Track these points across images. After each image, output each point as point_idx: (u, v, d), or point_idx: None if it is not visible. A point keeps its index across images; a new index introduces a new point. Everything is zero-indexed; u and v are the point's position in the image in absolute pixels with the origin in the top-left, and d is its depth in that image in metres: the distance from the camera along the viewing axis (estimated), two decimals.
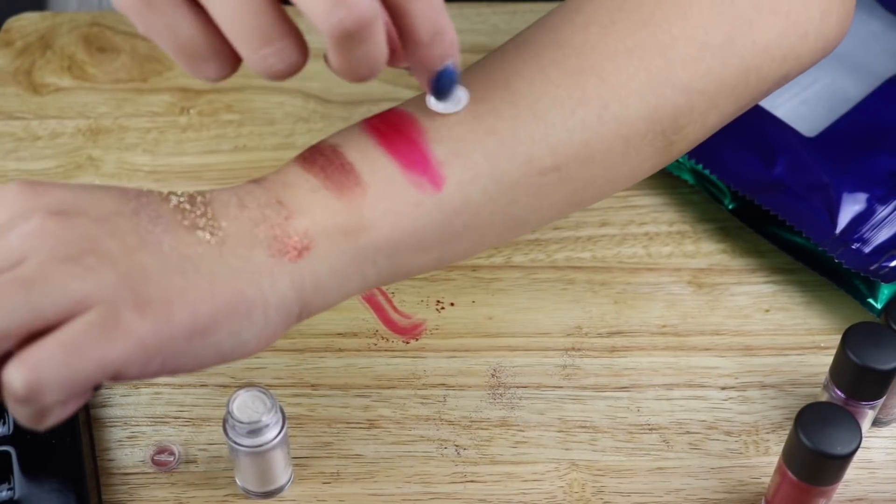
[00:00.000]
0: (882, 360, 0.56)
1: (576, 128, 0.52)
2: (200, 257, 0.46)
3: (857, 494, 0.61)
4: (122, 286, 0.44)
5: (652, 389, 0.65)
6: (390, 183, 0.49)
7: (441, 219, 0.50)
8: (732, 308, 0.69)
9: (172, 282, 0.45)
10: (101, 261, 0.44)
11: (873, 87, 0.73)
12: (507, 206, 0.52)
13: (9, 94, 0.79)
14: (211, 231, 0.47)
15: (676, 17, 0.53)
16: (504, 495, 0.61)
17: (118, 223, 0.45)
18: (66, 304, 0.43)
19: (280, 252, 0.47)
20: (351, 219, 0.48)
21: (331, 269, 0.48)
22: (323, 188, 0.49)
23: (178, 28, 0.45)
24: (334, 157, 0.49)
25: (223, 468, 0.61)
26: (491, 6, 0.84)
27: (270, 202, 0.48)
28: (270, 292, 0.47)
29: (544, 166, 0.52)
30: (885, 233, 0.66)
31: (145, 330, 0.44)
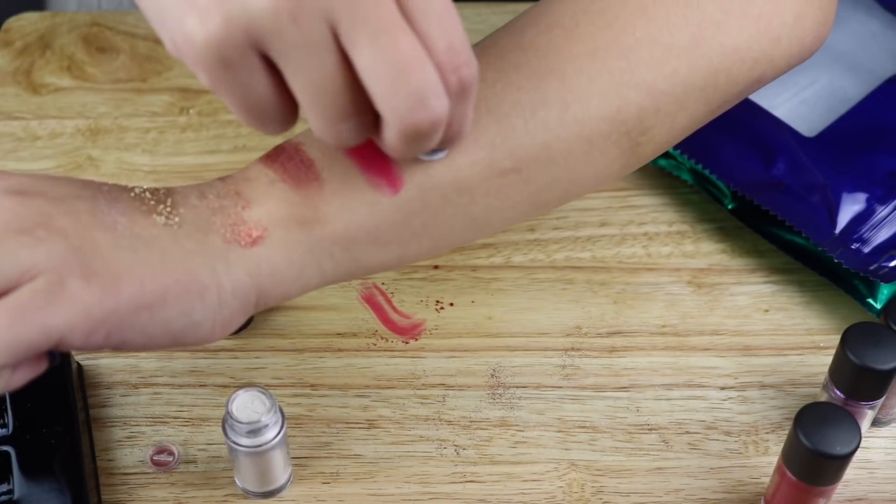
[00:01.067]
0: (881, 360, 0.56)
1: (536, 130, 0.52)
2: (154, 237, 0.48)
3: (857, 494, 0.61)
4: (70, 257, 0.45)
5: (651, 389, 0.65)
6: (348, 181, 0.50)
7: (398, 219, 0.51)
8: (732, 308, 0.69)
9: (122, 257, 0.47)
10: (52, 234, 0.46)
11: (873, 87, 0.73)
12: (467, 208, 0.53)
13: (8, 94, 0.79)
14: (167, 216, 0.48)
15: (641, 19, 0.54)
16: (503, 495, 0.61)
17: (74, 204, 0.47)
18: (14, 272, 0.45)
19: (234, 238, 0.49)
20: (306, 210, 0.50)
21: (286, 258, 0.50)
22: (280, 181, 0.50)
23: (250, 91, 0.44)
24: (295, 154, 0.51)
25: (222, 468, 0.61)
26: (490, 6, 0.84)
27: (229, 193, 0.50)
28: (225, 276, 0.48)
29: (504, 168, 0.52)
30: (885, 233, 0.66)
31: (90, 298, 0.45)
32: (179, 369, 0.65)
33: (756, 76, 0.57)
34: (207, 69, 0.43)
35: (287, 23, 0.41)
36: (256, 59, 0.43)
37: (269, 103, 0.45)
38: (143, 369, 0.65)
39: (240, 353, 0.66)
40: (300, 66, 0.42)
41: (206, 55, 0.42)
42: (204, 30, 0.42)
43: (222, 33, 0.41)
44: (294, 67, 0.43)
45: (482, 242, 0.71)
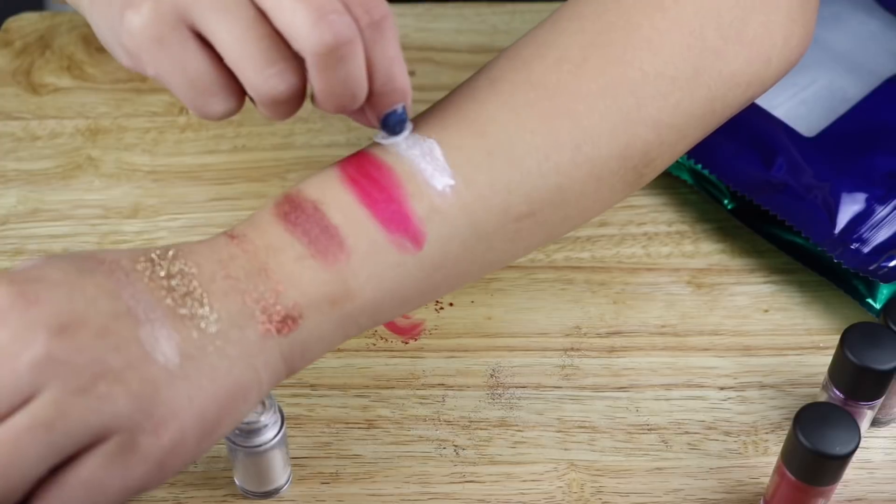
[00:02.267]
0: (881, 360, 0.56)
1: (550, 173, 0.52)
2: (200, 352, 0.46)
3: (856, 495, 0.61)
4: (135, 411, 0.44)
5: (651, 389, 0.65)
6: (373, 245, 0.49)
7: (421, 276, 0.51)
8: (731, 308, 0.69)
9: (177, 390, 0.45)
10: (111, 385, 0.44)
11: (872, 87, 0.73)
12: (484, 254, 0.53)
13: (8, 94, 0.79)
14: (206, 319, 0.47)
15: (647, 52, 0.54)
16: (503, 495, 0.61)
17: (119, 332, 0.45)
18: (85, 439, 0.43)
19: (271, 328, 0.48)
20: (337, 288, 0.49)
21: (318, 337, 0.49)
22: (309, 256, 0.49)
23: (187, 63, 0.47)
24: (316, 218, 0.49)
25: (222, 468, 0.61)
26: (490, 6, 0.84)
27: (256, 271, 0.48)
28: (263, 370, 0.48)
29: (520, 213, 0.52)
30: (885, 233, 0.66)
31: (161, 450, 0.45)
32: None
33: (748, 97, 0.58)
34: (148, 51, 0.47)
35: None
36: (187, 31, 0.46)
37: (208, 75, 0.47)
38: None
39: None
40: (221, 24, 0.46)
41: (143, 37, 0.46)
42: (139, 17, 0.46)
43: (153, 13, 0.46)
44: (216, 27, 0.46)
45: None
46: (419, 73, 0.80)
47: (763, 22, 0.56)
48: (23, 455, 0.42)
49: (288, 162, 0.75)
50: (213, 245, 0.49)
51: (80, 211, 0.73)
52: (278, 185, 0.74)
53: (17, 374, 0.43)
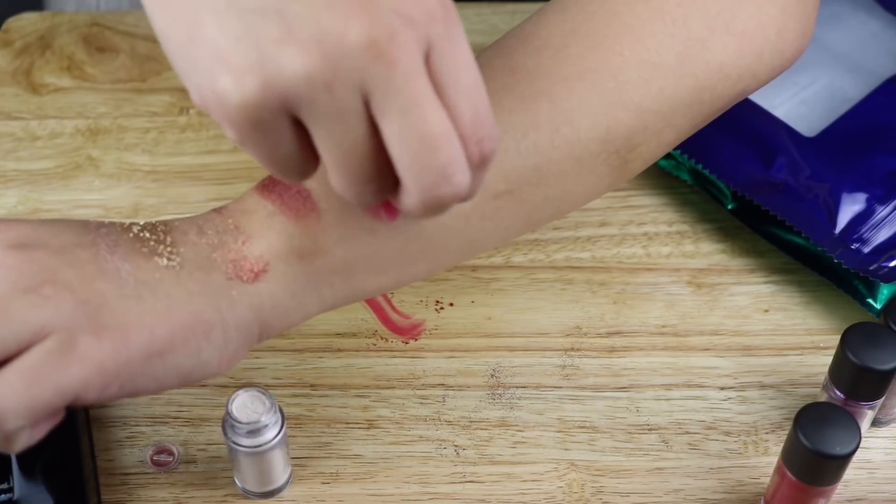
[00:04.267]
0: (881, 360, 0.56)
1: (528, 152, 0.53)
2: (158, 282, 0.48)
3: (857, 495, 0.61)
4: (79, 313, 0.46)
5: (651, 389, 0.65)
6: (345, 210, 0.51)
7: (395, 245, 0.52)
8: (731, 308, 0.69)
9: (129, 307, 0.47)
10: (58, 290, 0.46)
11: (873, 87, 0.73)
12: (463, 231, 0.53)
13: (8, 94, 0.79)
14: (168, 257, 0.49)
15: (628, 39, 0.54)
16: (503, 495, 0.61)
17: (77, 253, 0.47)
18: (25, 333, 0.45)
19: (236, 275, 0.50)
20: (306, 243, 0.50)
21: (288, 291, 0.51)
22: (279, 213, 0.50)
23: (278, 148, 0.44)
24: (292, 184, 0.51)
25: (222, 468, 0.61)
26: (490, 6, 0.84)
27: (228, 228, 0.50)
28: (229, 313, 0.49)
29: (498, 191, 0.53)
30: (885, 233, 0.66)
31: (102, 354, 0.46)
32: None
33: (739, 90, 0.58)
34: (238, 128, 0.43)
35: (321, 91, 0.41)
36: (287, 121, 0.42)
37: (295, 159, 0.44)
38: None
39: None
40: (329, 131, 0.42)
41: (239, 116, 0.42)
42: (239, 91, 0.41)
43: (258, 97, 0.41)
44: (323, 132, 0.42)
45: None
46: None
47: (754, 14, 0.56)
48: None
49: None
50: (198, 216, 0.52)
51: (79, 211, 0.73)
52: None
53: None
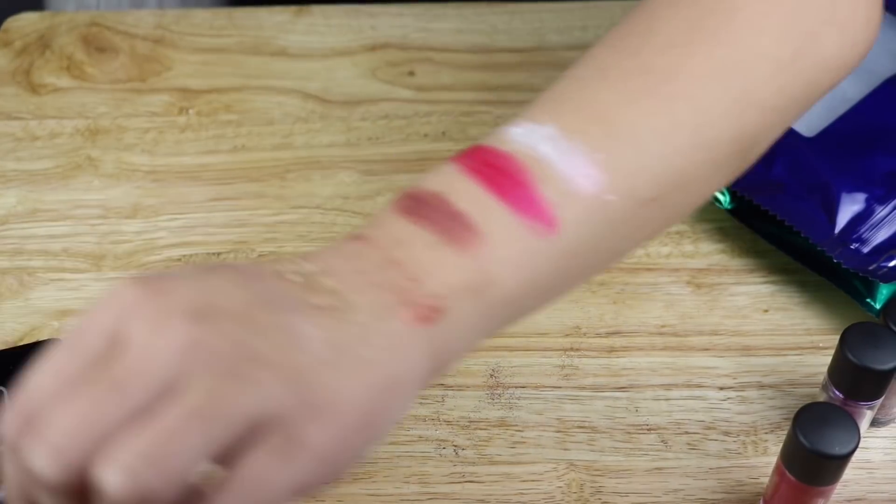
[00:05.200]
0: (880, 360, 0.56)
1: (672, 156, 0.50)
2: (344, 342, 0.43)
3: (856, 495, 0.61)
4: (290, 395, 0.41)
5: (650, 389, 0.65)
6: (508, 230, 0.46)
7: (558, 263, 0.48)
8: (731, 308, 0.69)
9: (329, 379, 0.42)
10: (261, 370, 0.40)
11: (872, 87, 0.73)
12: (613, 241, 0.50)
13: (7, 94, 0.79)
14: (341, 308, 0.44)
15: (752, 35, 0.52)
16: (502, 495, 0.61)
17: (258, 318, 0.42)
18: (242, 429, 0.40)
19: (413, 319, 0.44)
20: (477, 275, 0.45)
21: (463, 328, 0.46)
22: (441, 243, 0.45)
23: None
24: (442, 206, 0.46)
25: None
26: (490, 6, 0.84)
27: (388, 264, 0.45)
28: (412, 363, 0.44)
29: (645, 197, 0.50)
30: (884, 233, 0.66)
31: (324, 440, 0.41)
32: None
33: (835, 83, 0.56)
34: None
35: None
36: None
37: None
38: None
39: None
40: None
41: None
42: None
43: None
44: None
45: None
46: (419, 73, 0.80)
47: (850, 4, 0.55)
48: (181, 448, 0.39)
49: (287, 162, 0.75)
50: (336, 246, 0.46)
51: (79, 211, 0.73)
52: (278, 185, 0.74)
53: (161, 364, 0.39)
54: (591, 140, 0.49)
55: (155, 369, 0.40)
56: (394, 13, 0.83)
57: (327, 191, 0.74)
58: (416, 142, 0.76)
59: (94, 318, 0.41)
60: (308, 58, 0.81)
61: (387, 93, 0.79)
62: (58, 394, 0.40)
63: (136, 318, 0.40)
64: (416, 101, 0.79)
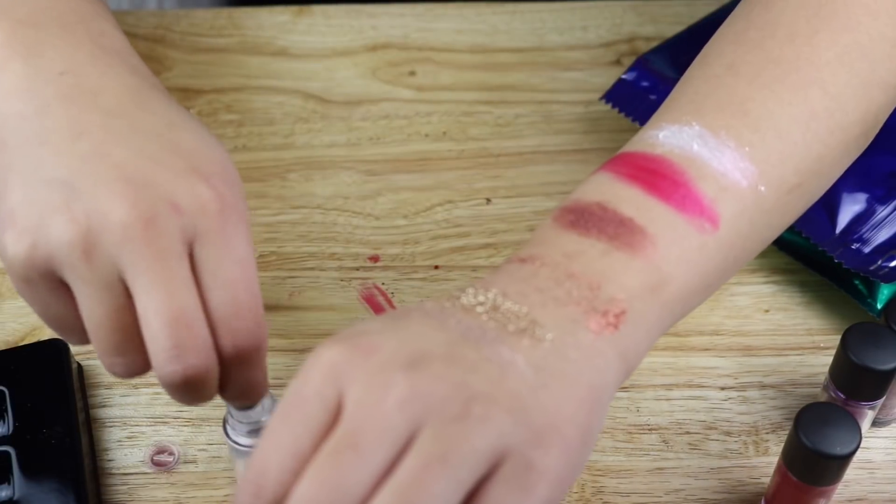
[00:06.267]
0: (881, 360, 0.56)
1: (812, 142, 0.52)
2: (547, 363, 0.44)
3: (857, 495, 0.61)
4: (516, 426, 0.42)
5: (651, 389, 0.65)
6: (674, 230, 0.48)
7: (720, 257, 0.49)
8: (732, 308, 0.69)
9: (546, 401, 0.43)
10: (485, 406, 0.41)
11: None
12: (764, 230, 0.52)
13: None
14: (536, 331, 0.45)
15: (868, 17, 0.54)
16: None
17: (467, 356, 0.43)
18: (482, 467, 0.41)
19: (601, 326, 0.45)
20: (651, 276, 0.47)
21: (646, 330, 0.47)
22: (613, 250, 0.47)
23: (49, 307, 0.48)
24: (607, 215, 0.48)
25: (223, 468, 0.61)
26: (491, 6, 0.84)
27: (564, 278, 0.46)
28: (607, 371, 0.45)
29: (791, 185, 0.51)
30: (885, 233, 0.66)
31: (555, 462, 0.42)
32: None
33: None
34: (14, 281, 0.48)
35: (79, 258, 0.45)
36: (55, 282, 0.47)
37: (67, 321, 0.48)
38: None
39: None
40: (85, 298, 0.46)
41: (11, 270, 0.47)
42: (13, 248, 0.46)
43: (26, 256, 0.46)
44: (81, 298, 0.47)
45: (483, 242, 0.71)
46: (419, 73, 0.80)
47: None
48: (430, 497, 0.40)
49: (288, 162, 0.75)
50: (506, 270, 0.47)
51: None
52: (279, 185, 0.74)
53: (389, 420, 0.40)
54: (737, 134, 0.50)
55: (386, 426, 0.40)
56: (394, 13, 0.83)
57: (328, 191, 0.74)
58: (417, 142, 0.76)
59: (309, 385, 0.42)
60: (309, 58, 0.81)
61: (387, 93, 0.79)
62: (292, 468, 0.41)
63: (353, 380, 0.41)
64: (416, 101, 0.79)
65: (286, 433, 0.42)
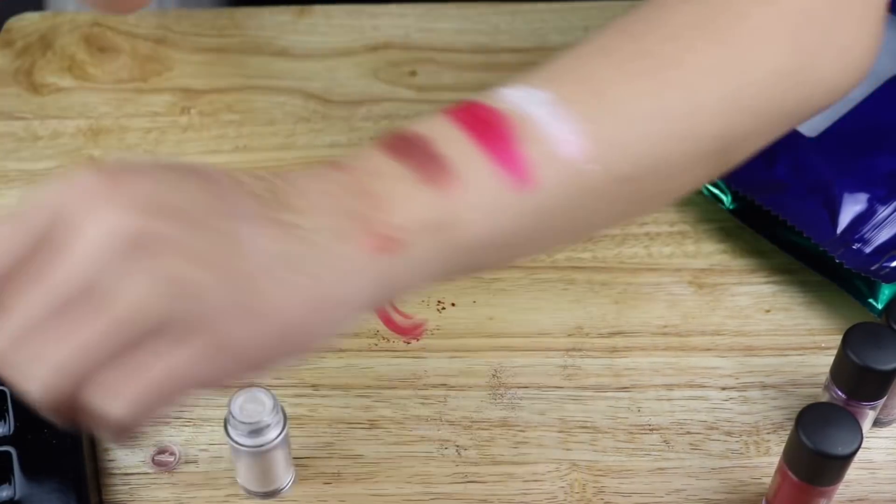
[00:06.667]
0: (883, 360, 0.56)
1: (659, 140, 0.52)
2: (293, 257, 0.45)
3: (858, 495, 0.61)
4: (224, 300, 0.42)
5: (652, 390, 0.65)
6: (486, 180, 0.48)
7: (529, 222, 0.49)
8: (733, 308, 0.69)
9: (269, 289, 0.44)
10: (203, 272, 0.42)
11: (874, 87, 0.73)
12: (587, 212, 0.52)
13: (9, 95, 0.79)
14: (299, 225, 0.45)
15: (756, 41, 0.54)
16: (505, 496, 0.61)
17: (210, 223, 0.43)
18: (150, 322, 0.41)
19: (373, 247, 0.46)
20: (446, 214, 0.47)
21: (423, 263, 0.47)
22: (415, 181, 0.47)
23: None
24: (424, 147, 0.48)
25: (224, 468, 0.61)
26: (492, 6, 0.84)
27: (360, 193, 0.46)
28: (359, 287, 0.46)
29: (623, 175, 0.51)
30: (886, 233, 0.66)
31: (247, 343, 0.43)
32: None
33: (827, 104, 0.58)
34: None
35: None
36: None
37: None
38: None
39: None
40: None
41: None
42: None
43: None
44: None
45: None
46: (420, 73, 0.80)
47: (853, 30, 0.56)
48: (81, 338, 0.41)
49: (289, 162, 0.75)
50: (315, 170, 0.47)
51: None
52: None
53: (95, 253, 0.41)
54: (583, 110, 0.50)
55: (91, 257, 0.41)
56: (395, 13, 0.83)
57: None
58: None
59: (45, 198, 0.43)
60: (310, 58, 0.81)
61: (389, 93, 0.79)
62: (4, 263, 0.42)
63: (85, 205, 0.42)
64: (417, 101, 0.79)
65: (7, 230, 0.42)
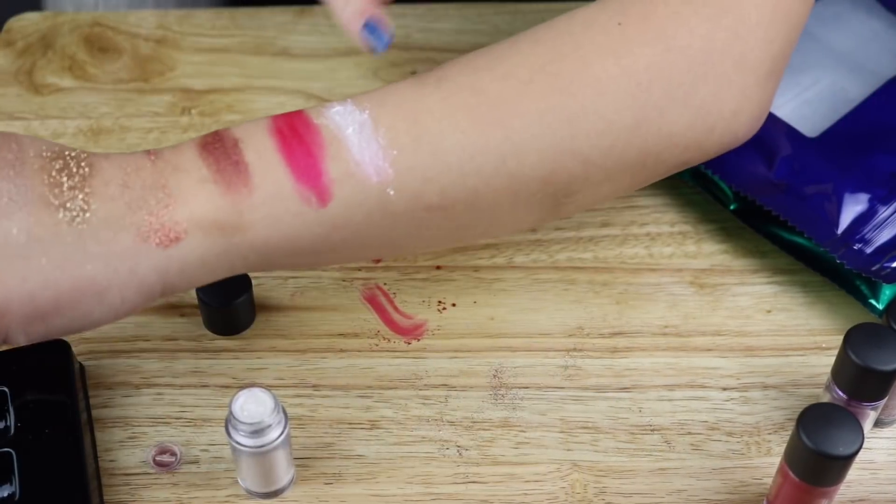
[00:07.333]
0: (884, 360, 0.56)
1: (470, 174, 0.53)
2: (53, 239, 0.47)
3: (859, 495, 0.61)
4: None
5: (653, 390, 0.65)
6: (277, 190, 0.51)
7: (320, 231, 0.52)
8: (734, 309, 0.69)
9: (14, 267, 0.46)
10: None
11: (875, 87, 0.73)
12: (388, 231, 0.54)
13: (10, 95, 0.79)
14: (77, 212, 0.48)
15: (592, 91, 0.55)
16: (506, 496, 0.61)
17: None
18: None
19: (148, 238, 0.49)
20: (230, 217, 0.50)
21: (200, 259, 0.50)
22: (211, 181, 0.50)
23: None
24: (232, 152, 0.51)
25: (224, 468, 0.61)
26: (492, 6, 0.84)
27: (155, 185, 0.50)
28: (130, 275, 0.49)
29: (431, 203, 0.53)
30: (887, 233, 0.66)
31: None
32: (181, 370, 0.65)
33: (684, 160, 0.59)
34: None
35: None
36: None
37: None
38: (145, 370, 0.65)
39: (242, 354, 0.66)
40: None
41: None
42: None
43: None
44: None
45: (484, 243, 0.71)
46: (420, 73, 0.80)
47: (714, 91, 0.56)
48: None
49: None
50: (130, 156, 0.51)
51: None
52: None
53: None
54: (394, 136, 0.53)
55: None
56: (396, 13, 0.83)
57: None
58: None
59: None
60: (310, 58, 0.81)
61: None
62: None
63: None
64: None
65: None
